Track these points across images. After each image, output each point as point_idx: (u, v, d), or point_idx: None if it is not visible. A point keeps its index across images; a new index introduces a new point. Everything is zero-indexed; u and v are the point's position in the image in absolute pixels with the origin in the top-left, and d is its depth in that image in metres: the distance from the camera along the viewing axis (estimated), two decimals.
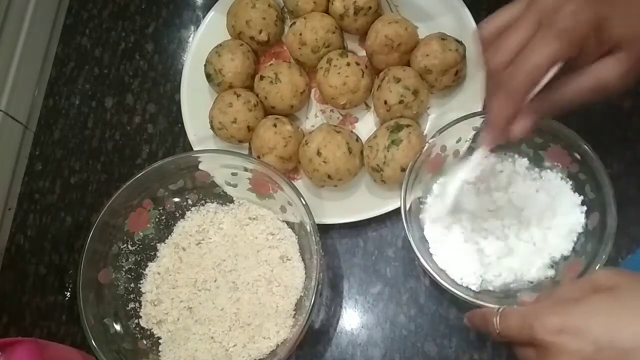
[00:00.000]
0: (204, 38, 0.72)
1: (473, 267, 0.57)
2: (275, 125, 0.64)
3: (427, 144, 0.59)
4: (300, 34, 0.66)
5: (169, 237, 0.65)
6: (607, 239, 0.54)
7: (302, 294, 0.60)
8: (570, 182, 0.59)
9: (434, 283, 0.62)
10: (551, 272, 0.57)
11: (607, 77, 0.45)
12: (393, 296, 0.63)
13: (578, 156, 0.57)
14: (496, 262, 0.57)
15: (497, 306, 0.46)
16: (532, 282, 0.57)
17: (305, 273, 0.60)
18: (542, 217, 0.58)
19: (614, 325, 0.38)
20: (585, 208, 0.58)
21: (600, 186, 0.55)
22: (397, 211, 0.62)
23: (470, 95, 0.65)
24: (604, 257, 0.53)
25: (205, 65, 0.69)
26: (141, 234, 0.65)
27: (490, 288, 0.57)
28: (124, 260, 0.63)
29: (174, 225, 0.66)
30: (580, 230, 0.57)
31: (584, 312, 0.40)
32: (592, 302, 0.40)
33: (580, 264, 0.56)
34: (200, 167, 0.63)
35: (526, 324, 0.41)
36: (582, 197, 0.58)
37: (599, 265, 0.53)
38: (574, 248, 0.57)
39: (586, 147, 0.56)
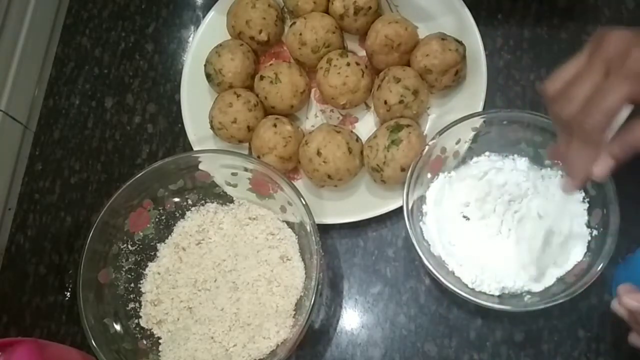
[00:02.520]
0: (204, 38, 0.72)
1: (475, 266, 0.57)
2: (275, 125, 0.64)
3: (427, 146, 0.59)
4: (300, 34, 0.66)
5: (169, 237, 0.65)
6: (611, 235, 0.54)
7: (302, 294, 0.60)
8: None
9: (434, 283, 0.62)
10: (557, 272, 0.57)
11: None
12: (393, 296, 0.63)
13: None
14: (498, 261, 0.57)
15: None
16: (536, 282, 0.57)
17: (305, 273, 0.60)
18: (544, 215, 0.58)
19: None
20: (587, 205, 0.58)
21: (601, 183, 0.55)
22: (397, 211, 0.62)
23: (470, 95, 0.65)
24: (608, 254, 0.53)
25: (205, 65, 0.69)
26: (141, 234, 0.65)
27: (492, 287, 0.57)
28: (124, 260, 0.63)
29: (174, 225, 0.66)
30: (584, 227, 0.57)
31: None
32: None
33: (585, 261, 0.56)
34: (200, 167, 0.63)
35: None
36: (583, 194, 0.58)
37: (603, 263, 0.53)
38: (579, 245, 0.57)
39: None
